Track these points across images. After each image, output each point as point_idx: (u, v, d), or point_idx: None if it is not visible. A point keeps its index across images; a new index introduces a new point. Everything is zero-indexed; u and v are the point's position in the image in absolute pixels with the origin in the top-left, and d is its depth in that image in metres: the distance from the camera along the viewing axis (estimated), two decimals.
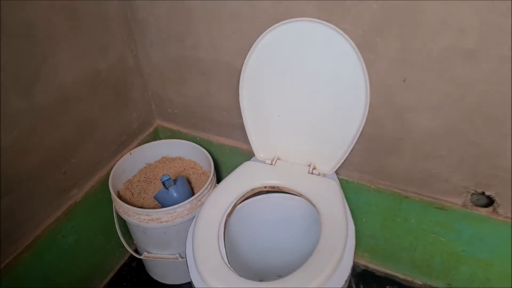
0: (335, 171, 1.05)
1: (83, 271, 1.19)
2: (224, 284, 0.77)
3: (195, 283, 0.81)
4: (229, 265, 0.82)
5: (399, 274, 1.30)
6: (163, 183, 1.07)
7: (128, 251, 1.35)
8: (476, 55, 0.79)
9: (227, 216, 0.95)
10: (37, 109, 0.92)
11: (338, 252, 0.83)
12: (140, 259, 1.36)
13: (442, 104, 0.89)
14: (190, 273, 0.83)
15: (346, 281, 0.81)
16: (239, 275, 0.79)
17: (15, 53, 0.83)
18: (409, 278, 1.29)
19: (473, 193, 1.01)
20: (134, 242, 1.25)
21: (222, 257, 0.84)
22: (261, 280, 0.80)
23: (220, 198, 0.98)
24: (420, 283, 1.28)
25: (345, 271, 0.82)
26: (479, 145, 0.91)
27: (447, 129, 0.92)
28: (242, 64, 0.99)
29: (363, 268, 1.34)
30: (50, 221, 1.03)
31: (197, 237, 0.88)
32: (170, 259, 1.18)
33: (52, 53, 0.92)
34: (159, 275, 1.31)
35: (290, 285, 0.77)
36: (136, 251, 1.27)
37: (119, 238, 1.19)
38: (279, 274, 0.86)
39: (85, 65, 1.02)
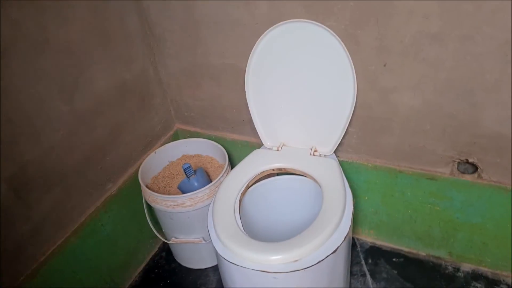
0: (334, 152, 1.17)
1: (120, 258, 1.34)
2: (241, 246, 0.90)
3: (217, 249, 0.94)
4: (244, 232, 0.95)
5: (404, 248, 1.40)
6: (184, 170, 1.22)
7: (157, 242, 1.51)
8: (441, 37, 0.92)
9: (241, 195, 1.09)
10: (77, 113, 1.08)
11: (337, 215, 0.95)
12: (169, 249, 1.50)
13: (419, 83, 1.01)
14: (212, 241, 0.96)
15: (345, 237, 0.92)
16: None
17: (60, 66, 1.00)
18: (413, 251, 1.39)
19: (458, 162, 1.12)
20: (162, 230, 1.39)
21: (238, 226, 0.97)
22: None
23: (234, 180, 1.11)
24: (424, 254, 1.37)
25: (344, 230, 0.94)
26: (456, 117, 1.03)
27: (427, 105, 1.04)
28: (246, 65, 1.14)
29: (371, 244, 1.44)
30: (91, 211, 1.18)
31: (216, 211, 1.02)
32: (195, 242, 1.31)
33: (87, 66, 1.09)
34: (186, 260, 1.44)
35: (297, 242, 0.89)
36: (164, 239, 1.41)
37: (150, 227, 1.34)
38: None
39: (113, 76, 1.19)
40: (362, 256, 1.41)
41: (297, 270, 0.87)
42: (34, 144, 0.97)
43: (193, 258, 1.42)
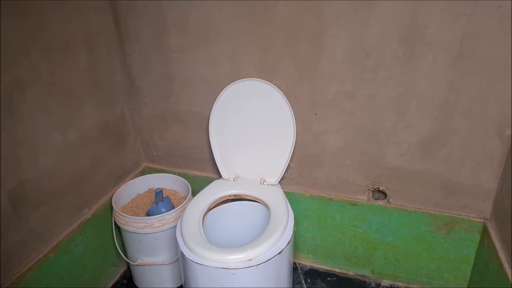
0: (279, 182, 1.43)
1: (86, 281, 1.42)
2: (206, 249, 1.09)
3: (184, 253, 1.12)
4: (207, 240, 1.14)
5: (336, 269, 1.63)
6: (156, 194, 1.40)
7: (119, 270, 1.61)
8: (353, 95, 1.26)
9: (203, 215, 1.29)
10: (68, 144, 1.26)
11: (282, 225, 1.19)
12: (130, 277, 1.60)
13: (340, 127, 1.34)
14: (180, 248, 1.14)
15: (288, 242, 1.15)
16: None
17: (61, 104, 1.20)
18: (344, 271, 1.62)
19: (372, 190, 1.42)
20: (128, 254, 1.51)
21: (202, 236, 1.17)
22: None
23: (198, 203, 1.32)
24: (352, 273, 1.61)
25: (287, 237, 1.16)
26: (367, 154, 1.35)
27: (347, 145, 1.36)
28: (210, 112, 1.41)
29: (309, 267, 1.66)
30: (68, 231, 1.31)
31: (183, 225, 1.20)
32: (159, 263, 1.45)
33: (81, 106, 1.29)
34: (147, 284, 1.55)
35: (251, 246, 1.10)
36: (128, 262, 1.52)
37: (114, 255, 1.48)
38: None
39: (99, 116, 1.40)
40: (302, 277, 1.61)
41: (251, 267, 1.07)
42: (33, 165, 1.13)
43: (154, 281, 1.54)
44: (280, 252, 1.12)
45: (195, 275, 1.12)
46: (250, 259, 1.08)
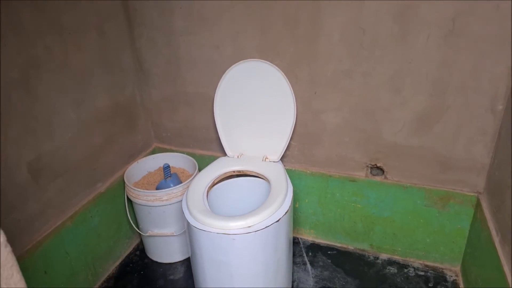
0: (280, 159, 1.48)
1: (102, 250, 1.51)
2: (209, 217, 1.16)
3: (189, 221, 1.18)
4: (210, 210, 1.21)
5: (337, 243, 1.68)
6: (164, 169, 1.47)
7: (132, 243, 1.70)
8: (350, 73, 1.29)
9: (208, 189, 1.35)
10: (82, 121, 1.33)
11: (281, 196, 1.24)
12: (142, 249, 1.69)
13: (339, 106, 1.37)
14: (185, 217, 1.21)
15: (286, 211, 1.20)
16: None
17: (73, 84, 1.27)
18: (344, 245, 1.67)
19: (370, 167, 1.46)
20: (139, 226, 1.59)
21: (206, 206, 1.23)
22: None
23: (203, 178, 1.38)
24: (352, 247, 1.66)
25: (285, 207, 1.21)
26: (365, 131, 1.38)
27: (345, 123, 1.40)
28: (215, 93, 1.46)
29: (311, 242, 1.71)
30: (84, 203, 1.39)
31: (189, 196, 1.27)
32: (168, 235, 1.53)
33: (92, 86, 1.36)
34: (158, 255, 1.63)
35: (251, 214, 1.16)
36: (140, 235, 1.61)
37: (127, 228, 1.55)
38: None
39: (110, 97, 1.47)
40: (304, 251, 1.67)
41: (250, 233, 1.13)
42: (49, 139, 1.21)
43: (164, 252, 1.62)
44: (277, 221, 1.17)
45: (199, 241, 1.19)
46: (249, 226, 1.14)
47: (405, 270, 1.53)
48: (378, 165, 1.43)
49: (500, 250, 1.07)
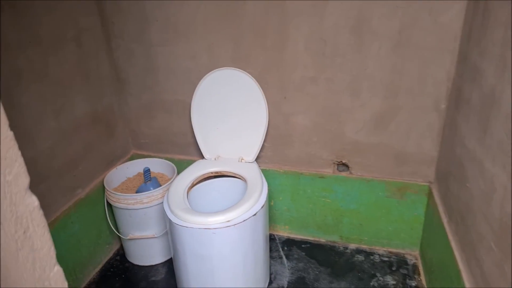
0: (255, 160, 1.62)
1: (82, 256, 1.58)
2: (189, 214, 1.27)
3: (171, 219, 1.29)
4: (190, 208, 1.32)
5: (310, 237, 1.83)
6: (144, 172, 1.57)
7: (112, 248, 1.77)
8: (316, 79, 1.46)
9: (188, 189, 1.47)
10: (62, 129, 1.42)
11: (257, 193, 1.37)
12: (123, 254, 1.76)
13: (307, 109, 1.53)
14: (167, 215, 1.31)
15: (262, 206, 1.34)
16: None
17: (53, 93, 1.36)
18: (316, 239, 1.82)
19: (337, 163, 1.63)
20: (120, 230, 1.67)
21: (186, 204, 1.34)
22: None
23: (183, 179, 1.49)
24: (324, 240, 1.82)
25: (261, 202, 1.35)
26: (331, 131, 1.55)
27: (313, 124, 1.56)
28: (191, 100, 1.58)
29: (286, 237, 1.85)
30: (64, 209, 1.46)
31: (170, 196, 1.38)
32: (149, 237, 1.62)
33: (72, 95, 1.45)
34: (139, 258, 1.71)
35: (229, 210, 1.28)
36: (120, 239, 1.68)
37: (107, 234, 1.63)
38: None
39: (89, 105, 1.56)
40: (280, 246, 1.81)
41: (229, 227, 1.26)
42: (31, 147, 1.29)
43: (145, 255, 1.70)
44: (254, 215, 1.30)
45: (181, 237, 1.30)
46: (228, 220, 1.26)
47: (371, 257, 1.71)
48: (344, 161, 1.61)
49: (448, 228, 1.25)
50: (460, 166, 1.17)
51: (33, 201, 0.39)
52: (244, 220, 1.28)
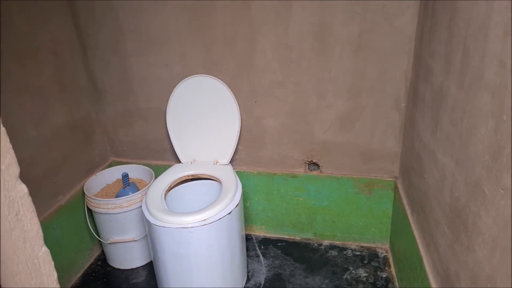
0: (230, 162, 1.64)
1: (64, 261, 1.56)
2: (167, 214, 1.28)
3: (150, 220, 1.29)
4: (168, 209, 1.33)
5: (285, 235, 1.85)
6: (123, 177, 1.56)
7: (93, 254, 1.75)
8: (283, 83, 1.50)
9: (165, 192, 1.47)
10: (41, 138, 1.40)
11: (231, 193, 1.39)
12: (104, 259, 1.74)
13: (277, 111, 1.57)
14: (146, 217, 1.32)
15: (237, 205, 1.35)
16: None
17: (33, 104, 1.35)
18: (292, 237, 1.84)
19: (308, 163, 1.66)
20: (100, 235, 1.65)
21: (164, 206, 1.35)
22: None
23: (160, 182, 1.50)
24: (299, 238, 1.84)
25: (236, 201, 1.37)
26: (300, 132, 1.59)
27: (283, 126, 1.59)
28: (166, 107, 1.59)
29: (263, 237, 1.87)
30: (45, 215, 1.44)
31: (148, 199, 1.38)
32: (129, 241, 1.61)
33: (50, 105, 1.44)
34: (120, 262, 1.69)
35: (205, 209, 1.29)
36: (101, 244, 1.67)
37: (88, 239, 1.62)
38: None
39: (67, 115, 1.55)
40: (256, 245, 1.82)
41: (205, 225, 1.27)
42: None
43: (125, 259, 1.69)
44: (229, 213, 1.32)
45: (160, 238, 1.30)
46: (204, 219, 1.28)
47: (344, 252, 1.74)
48: (314, 161, 1.64)
49: (411, 219, 1.30)
50: (418, 160, 1.22)
51: (23, 188, 0.44)
52: (220, 219, 1.29)
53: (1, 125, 0.40)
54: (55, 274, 0.51)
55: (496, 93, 0.67)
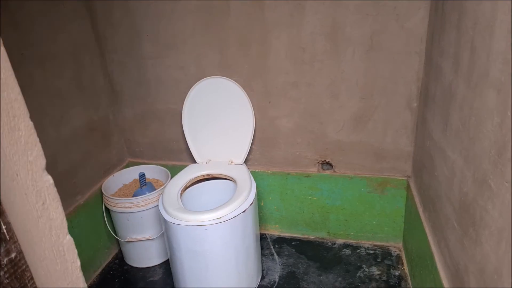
0: (244, 162, 1.70)
1: (83, 260, 1.62)
2: (183, 213, 1.34)
3: (166, 219, 1.36)
4: (184, 207, 1.40)
5: (299, 234, 1.90)
6: (140, 177, 1.64)
7: (111, 252, 1.83)
8: (297, 84, 1.56)
9: (181, 191, 1.54)
10: (61, 138, 1.49)
11: (246, 191, 1.45)
12: (121, 258, 1.82)
13: (290, 112, 1.62)
14: (162, 216, 1.39)
15: (251, 203, 1.41)
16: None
17: (53, 105, 1.44)
18: (305, 235, 1.90)
19: (321, 162, 1.71)
20: (118, 234, 1.73)
21: (180, 205, 1.42)
22: None
23: (176, 182, 1.57)
24: (312, 237, 1.89)
25: (250, 200, 1.43)
26: (314, 132, 1.64)
27: (296, 126, 1.65)
28: (182, 108, 1.67)
29: (277, 236, 1.92)
30: (65, 214, 1.53)
31: (165, 198, 1.45)
32: (146, 239, 1.68)
33: (70, 107, 1.53)
34: (137, 260, 1.77)
35: (220, 207, 1.36)
36: (119, 243, 1.75)
37: (106, 239, 1.70)
38: None
39: (86, 116, 1.64)
40: (271, 244, 1.88)
41: (220, 223, 1.33)
42: None
43: (142, 257, 1.76)
44: (244, 211, 1.38)
45: (176, 235, 1.37)
46: (219, 217, 1.34)
47: (358, 251, 1.78)
48: (327, 160, 1.69)
49: (423, 217, 1.34)
50: (430, 158, 1.26)
51: (49, 179, 0.47)
52: (235, 217, 1.35)
53: (29, 120, 0.45)
54: (78, 262, 0.55)
55: (501, 89, 0.72)
